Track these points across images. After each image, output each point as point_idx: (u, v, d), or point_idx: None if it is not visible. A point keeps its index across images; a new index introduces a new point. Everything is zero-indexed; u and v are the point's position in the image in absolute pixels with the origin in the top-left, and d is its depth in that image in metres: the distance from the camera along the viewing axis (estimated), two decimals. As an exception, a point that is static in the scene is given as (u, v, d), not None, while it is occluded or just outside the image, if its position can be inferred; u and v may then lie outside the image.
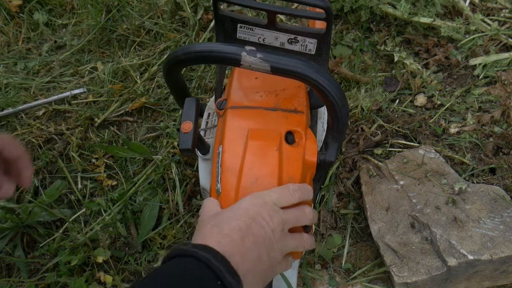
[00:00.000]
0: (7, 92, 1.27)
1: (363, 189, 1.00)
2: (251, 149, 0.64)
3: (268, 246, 0.58)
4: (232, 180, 0.63)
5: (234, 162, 0.63)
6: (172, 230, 1.01)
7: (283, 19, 1.31)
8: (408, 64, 1.22)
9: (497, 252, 0.85)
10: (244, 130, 0.65)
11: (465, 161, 1.05)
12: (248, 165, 0.63)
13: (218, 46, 0.63)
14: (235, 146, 0.64)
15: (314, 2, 0.68)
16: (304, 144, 0.66)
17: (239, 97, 0.69)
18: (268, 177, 0.62)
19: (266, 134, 0.65)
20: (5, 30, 1.41)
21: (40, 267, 0.98)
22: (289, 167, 0.64)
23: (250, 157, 0.63)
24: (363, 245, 0.98)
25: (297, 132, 0.67)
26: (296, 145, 0.66)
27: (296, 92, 0.71)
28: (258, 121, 0.67)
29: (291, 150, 0.65)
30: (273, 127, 0.66)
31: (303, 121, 0.68)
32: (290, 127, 0.66)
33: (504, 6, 1.34)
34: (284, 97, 0.70)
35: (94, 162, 1.12)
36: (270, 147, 0.64)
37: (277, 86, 0.71)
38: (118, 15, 1.39)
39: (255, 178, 0.62)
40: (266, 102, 0.69)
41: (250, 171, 0.63)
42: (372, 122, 1.13)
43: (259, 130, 0.65)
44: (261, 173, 0.62)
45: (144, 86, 1.25)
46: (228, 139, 0.65)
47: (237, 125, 0.66)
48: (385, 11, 1.29)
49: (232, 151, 0.64)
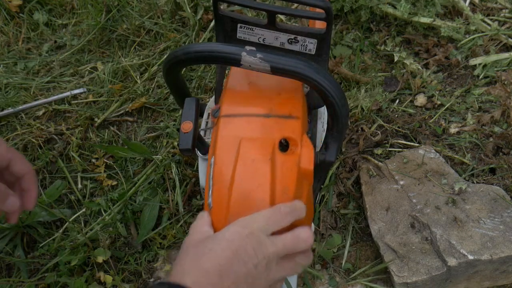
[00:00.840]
0: (7, 92, 1.27)
1: (363, 189, 1.00)
2: (242, 160, 0.61)
3: (249, 283, 0.55)
4: (223, 194, 0.60)
5: (225, 174, 0.61)
6: (172, 230, 1.01)
7: (283, 19, 1.31)
8: (408, 64, 1.22)
9: (497, 252, 0.85)
10: (237, 140, 0.62)
11: (465, 161, 1.05)
12: (240, 177, 0.60)
13: (218, 46, 0.63)
14: (227, 157, 0.62)
15: (314, 2, 0.68)
16: (300, 151, 0.63)
17: (232, 105, 0.66)
18: (260, 191, 0.59)
19: (259, 143, 0.62)
20: (5, 30, 1.41)
21: (40, 267, 0.98)
22: (283, 177, 0.60)
23: (241, 169, 0.60)
24: (363, 245, 0.98)
25: (292, 139, 0.63)
26: (290, 153, 0.62)
27: (291, 96, 0.67)
28: (251, 129, 0.63)
29: (285, 159, 0.61)
30: (266, 135, 0.63)
31: (299, 127, 0.64)
32: (284, 134, 0.63)
33: (504, 6, 1.34)
34: (279, 102, 0.66)
35: (94, 162, 1.12)
36: (262, 156, 0.61)
37: (272, 91, 0.68)
38: (118, 15, 1.39)
39: (247, 192, 0.59)
40: (260, 108, 0.65)
41: (241, 184, 0.60)
42: (372, 122, 1.13)
43: (251, 139, 0.62)
44: (252, 186, 0.59)
45: (144, 86, 1.25)
46: (220, 150, 0.62)
47: (229, 134, 0.63)
48: (385, 11, 1.29)
49: (223, 162, 0.62)
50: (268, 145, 0.61)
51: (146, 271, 0.98)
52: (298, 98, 0.68)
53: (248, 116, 0.64)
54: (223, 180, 0.61)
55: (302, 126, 0.65)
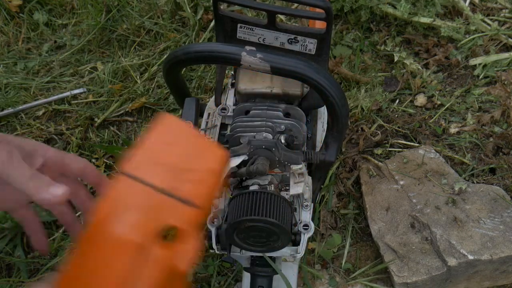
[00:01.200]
0: (7, 92, 1.27)
1: (363, 189, 1.00)
2: (108, 242, 0.47)
3: None
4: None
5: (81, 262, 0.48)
6: (172, 230, 1.01)
7: (283, 19, 1.31)
8: (408, 64, 1.22)
9: (497, 252, 0.85)
10: (122, 209, 0.48)
11: (465, 161, 1.05)
12: (90, 268, 0.47)
13: (218, 46, 0.63)
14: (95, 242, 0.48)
15: (314, 2, 0.68)
16: (181, 248, 0.49)
17: (139, 164, 0.51)
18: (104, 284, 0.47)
19: (139, 222, 0.48)
20: (5, 30, 1.41)
21: (40, 267, 0.98)
22: (144, 272, 0.47)
23: (99, 255, 0.47)
24: (363, 245, 0.98)
25: (178, 229, 0.49)
26: (170, 246, 0.48)
27: (204, 178, 0.52)
28: (140, 202, 0.49)
29: (157, 251, 0.47)
30: (151, 216, 0.48)
31: (195, 218, 0.50)
32: (172, 221, 0.49)
33: (504, 6, 1.34)
34: (187, 180, 0.51)
35: (94, 162, 1.12)
36: (128, 242, 0.47)
37: (186, 163, 0.52)
38: (118, 15, 1.39)
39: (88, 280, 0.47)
40: (162, 180, 0.50)
41: (88, 278, 0.47)
42: (372, 122, 1.13)
43: (133, 214, 0.48)
44: (98, 274, 0.47)
45: (144, 86, 1.25)
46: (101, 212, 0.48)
47: (118, 198, 0.49)
48: (385, 11, 1.29)
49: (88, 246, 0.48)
50: (147, 228, 0.48)
51: (146, 271, 0.98)
52: (212, 183, 0.53)
53: (146, 185, 0.50)
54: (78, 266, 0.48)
55: (200, 218, 0.51)
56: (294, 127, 0.74)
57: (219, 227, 0.72)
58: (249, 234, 0.68)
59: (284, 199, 0.69)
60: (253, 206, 0.66)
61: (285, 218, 0.67)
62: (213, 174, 0.53)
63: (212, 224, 0.72)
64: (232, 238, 0.69)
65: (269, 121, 0.74)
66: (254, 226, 0.66)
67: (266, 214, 0.65)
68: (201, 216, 0.51)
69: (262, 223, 0.65)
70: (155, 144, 0.52)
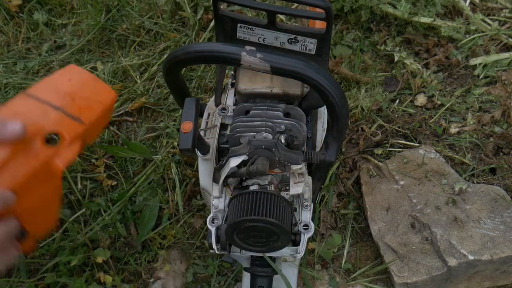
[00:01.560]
0: (7, 92, 1.27)
1: (363, 189, 1.00)
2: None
3: None
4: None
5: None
6: (172, 230, 1.01)
7: (283, 19, 1.31)
8: (408, 64, 1.22)
9: (497, 252, 0.85)
10: (15, 116, 0.59)
11: (465, 161, 1.05)
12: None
13: (218, 46, 0.63)
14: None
15: (314, 2, 0.68)
16: (62, 151, 0.60)
17: (39, 89, 0.64)
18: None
19: (29, 125, 0.58)
20: (5, 30, 1.41)
21: (40, 267, 0.98)
22: (25, 161, 0.57)
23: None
24: (363, 245, 0.98)
25: (63, 137, 0.61)
26: (50, 147, 0.60)
27: (94, 106, 0.65)
28: (35, 113, 0.61)
29: (40, 147, 0.59)
30: (42, 122, 0.60)
31: (78, 131, 0.62)
32: (59, 129, 0.60)
33: (504, 6, 1.34)
34: (78, 104, 0.64)
35: (94, 162, 1.12)
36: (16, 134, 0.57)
37: (80, 93, 0.65)
38: (118, 15, 1.39)
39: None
40: (57, 100, 0.63)
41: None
42: (372, 122, 1.13)
43: (26, 118, 0.59)
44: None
45: (144, 86, 1.25)
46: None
47: (11, 110, 0.60)
48: (385, 11, 1.29)
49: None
50: (35, 131, 0.59)
51: (146, 271, 0.98)
52: (97, 110, 0.65)
53: (42, 102, 0.62)
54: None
55: (83, 131, 0.63)
56: (294, 127, 0.73)
57: (219, 227, 0.72)
58: (249, 234, 0.68)
59: (284, 199, 0.69)
60: (253, 206, 0.66)
61: (285, 218, 0.67)
62: (102, 105, 0.66)
63: (212, 224, 0.72)
64: (232, 238, 0.69)
65: (269, 121, 0.74)
66: (254, 226, 0.66)
67: (266, 214, 0.65)
68: (84, 131, 0.63)
69: (262, 223, 0.65)
70: (57, 79, 0.66)
